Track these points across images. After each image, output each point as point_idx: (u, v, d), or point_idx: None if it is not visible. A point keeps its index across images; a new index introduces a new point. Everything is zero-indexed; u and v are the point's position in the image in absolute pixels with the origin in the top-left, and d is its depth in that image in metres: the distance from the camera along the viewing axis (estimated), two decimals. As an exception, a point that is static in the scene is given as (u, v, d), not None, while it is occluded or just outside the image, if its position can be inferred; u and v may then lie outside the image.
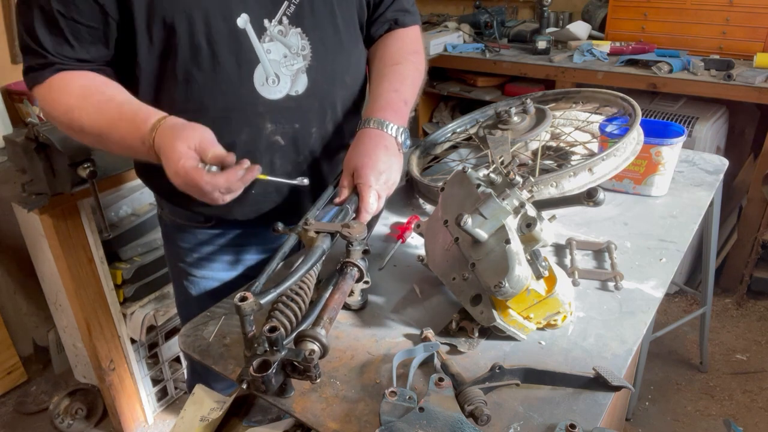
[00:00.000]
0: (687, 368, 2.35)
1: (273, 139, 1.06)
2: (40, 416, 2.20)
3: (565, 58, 2.80)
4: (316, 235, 0.92)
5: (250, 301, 0.75)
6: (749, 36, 2.55)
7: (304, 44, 1.04)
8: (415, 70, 1.16)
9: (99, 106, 0.96)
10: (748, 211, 2.55)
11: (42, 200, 1.56)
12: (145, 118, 0.93)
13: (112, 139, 0.97)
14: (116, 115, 0.96)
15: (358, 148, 1.02)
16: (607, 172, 1.17)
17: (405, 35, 1.21)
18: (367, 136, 1.03)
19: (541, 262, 0.87)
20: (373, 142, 1.02)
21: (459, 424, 0.72)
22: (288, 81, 1.04)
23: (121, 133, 0.95)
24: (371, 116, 1.05)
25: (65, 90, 0.98)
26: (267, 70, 1.01)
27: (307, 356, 0.74)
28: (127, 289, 1.88)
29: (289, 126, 1.07)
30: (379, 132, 1.04)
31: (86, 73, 0.99)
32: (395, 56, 1.16)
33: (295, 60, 1.03)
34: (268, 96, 1.03)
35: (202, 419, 0.90)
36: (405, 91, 1.11)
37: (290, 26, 1.02)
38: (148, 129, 0.91)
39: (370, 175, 0.98)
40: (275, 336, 0.74)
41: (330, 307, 0.82)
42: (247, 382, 0.76)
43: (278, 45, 1.01)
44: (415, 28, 1.24)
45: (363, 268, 0.91)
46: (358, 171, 0.99)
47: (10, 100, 2.11)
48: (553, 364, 0.86)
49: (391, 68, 1.14)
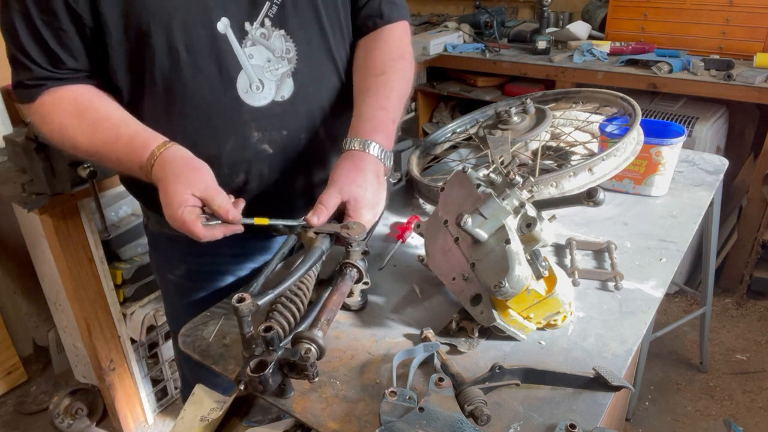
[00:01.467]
0: (687, 368, 2.35)
1: (260, 148, 1.02)
2: (40, 416, 2.20)
3: (565, 58, 2.80)
4: (315, 235, 0.92)
5: (248, 302, 0.75)
6: (749, 36, 2.55)
7: (288, 47, 0.99)
8: (402, 79, 1.08)
9: (94, 125, 0.94)
10: (748, 211, 2.55)
11: (42, 200, 1.56)
12: (143, 144, 0.91)
13: (108, 159, 0.95)
14: (113, 136, 0.93)
15: (349, 174, 0.95)
16: (607, 172, 1.17)
17: (390, 35, 1.12)
18: (359, 160, 0.96)
19: (541, 262, 0.87)
20: (366, 170, 0.96)
21: (459, 424, 0.72)
22: (273, 86, 0.99)
23: (117, 155, 0.93)
24: (360, 137, 0.98)
25: (58, 107, 0.95)
26: (250, 76, 0.97)
27: (303, 355, 0.74)
28: (127, 289, 1.88)
29: (276, 133, 1.02)
30: (371, 158, 0.97)
31: (77, 87, 0.96)
32: (380, 65, 1.07)
33: (279, 64, 0.99)
34: (253, 103, 0.99)
35: (202, 419, 0.90)
36: (392, 108, 1.04)
37: (273, 28, 0.97)
38: (147, 156, 0.89)
39: (363, 211, 0.93)
40: (270, 336, 0.74)
41: (328, 309, 0.82)
42: (244, 382, 0.76)
43: (261, 49, 0.97)
44: (401, 25, 1.14)
45: (362, 269, 0.91)
46: (351, 203, 0.93)
47: (10, 100, 2.11)
48: (553, 364, 0.86)
49: (377, 80, 1.06)
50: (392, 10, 1.12)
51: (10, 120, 2.03)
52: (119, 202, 1.88)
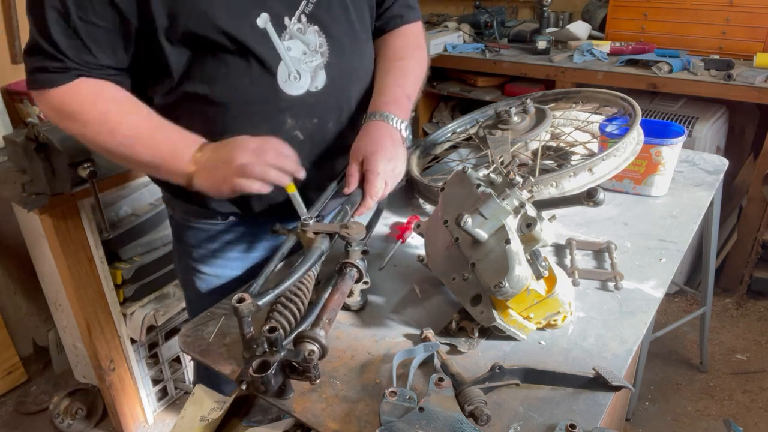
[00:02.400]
0: (687, 368, 2.35)
1: (292, 134, 1.09)
2: (40, 416, 2.20)
3: (565, 58, 2.80)
4: (314, 236, 0.92)
5: (248, 303, 0.75)
6: (749, 36, 2.55)
7: (321, 41, 1.07)
8: (418, 65, 1.22)
9: (140, 113, 1.00)
10: (748, 211, 2.54)
11: (42, 200, 1.56)
12: (187, 143, 1.00)
13: (150, 145, 1.00)
14: (159, 123, 1.01)
15: (366, 139, 1.07)
16: (607, 172, 1.17)
17: (408, 32, 1.26)
18: (373, 127, 1.09)
19: (541, 262, 0.87)
20: (379, 133, 1.07)
21: (459, 424, 0.72)
22: (308, 77, 1.06)
23: (165, 139, 1.00)
24: (377, 110, 1.11)
25: (100, 94, 0.99)
26: (289, 67, 1.04)
27: (306, 356, 0.74)
28: (127, 289, 1.88)
29: (308, 121, 1.09)
30: (385, 124, 1.09)
31: (108, 83, 1.00)
32: (399, 52, 1.22)
33: (313, 57, 1.06)
34: (290, 92, 1.05)
35: (202, 419, 0.90)
36: (408, 87, 1.17)
37: (308, 24, 1.05)
38: (194, 150, 0.99)
39: (379, 162, 1.03)
40: (275, 336, 0.74)
41: (329, 308, 0.82)
42: (246, 382, 0.76)
43: (297, 42, 1.04)
44: (417, 24, 1.29)
45: (362, 269, 0.91)
46: (368, 158, 1.03)
47: (10, 100, 2.11)
48: (553, 364, 0.86)
49: (395, 64, 1.19)
50: (410, 12, 1.27)
51: (10, 120, 2.03)
52: (119, 202, 1.88)
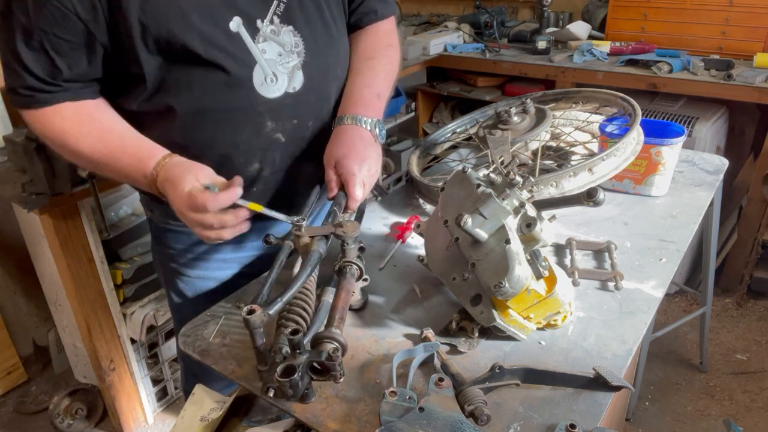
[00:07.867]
0: (687, 368, 2.34)
1: (274, 137, 1.08)
2: (40, 416, 2.20)
3: (565, 58, 2.80)
4: (310, 239, 0.92)
5: (259, 313, 0.74)
6: (749, 36, 2.55)
7: (296, 41, 1.06)
8: (389, 63, 1.21)
9: (97, 135, 0.99)
10: (748, 211, 2.54)
11: (42, 200, 1.56)
12: (149, 155, 0.98)
13: (110, 169, 1.01)
14: (117, 147, 0.99)
15: (336, 143, 1.07)
16: (607, 172, 1.17)
17: (380, 29, 1.24)
18: (342, 132, 1.08)
19: (541, 262, 0.87)
20: (349, 135, 1.07)
21: (459, 424, 0.72)
22: (285, 79, 1.05)
23: (121, 164, 0.99)
24: (345, 113, 1.10)
25: (58, 113, 0.98)
26: (265, 69, 1.02)
27: (331, 354, 0.74)
28: (127, 289, 1.88)
29: (288, 122, 1.09)
30: (355, 127, 1.08)
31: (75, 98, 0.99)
32: (369, 51, 1.20)
33: (289, 57, 1.05)
34: (268, 95, 1.04)
35: (202, 419, 0.90)
36: (377, 86, 1.15)
37: (282, 24, 1.03)
38: (153, 164, 0.96)
39: (352, 165, 1.02)
40: (298, 338, 0.73)
41: (339, 307, 0.83)
42: (272, 389, 0.75)
43: (272, 44, 1.03)
44: (390, 21, 1.27)
45: (361, 266, 0.91)
46: (340, 162, 1.03)
47: (10, 100, 2.11)
48: (553, 364, 0.86)
49: (365, 63, 1.18)
50: (383, 8, 1.24)
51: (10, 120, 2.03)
52: (119, 202, 1.88)
